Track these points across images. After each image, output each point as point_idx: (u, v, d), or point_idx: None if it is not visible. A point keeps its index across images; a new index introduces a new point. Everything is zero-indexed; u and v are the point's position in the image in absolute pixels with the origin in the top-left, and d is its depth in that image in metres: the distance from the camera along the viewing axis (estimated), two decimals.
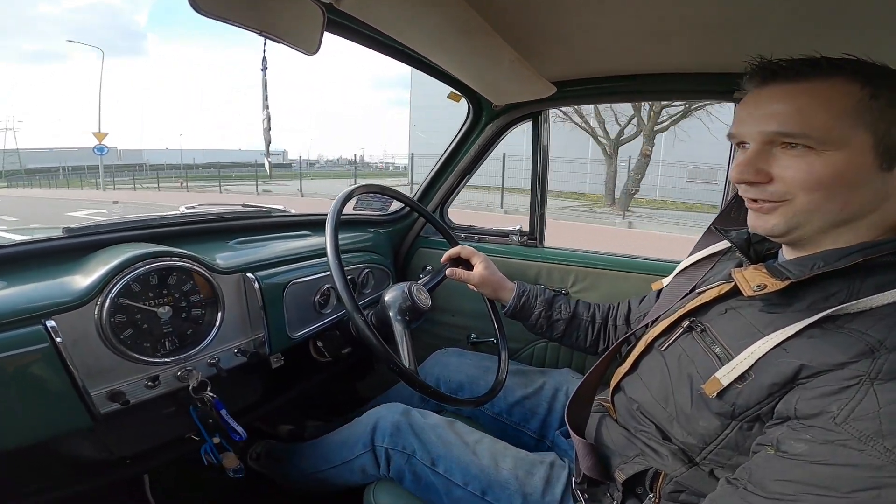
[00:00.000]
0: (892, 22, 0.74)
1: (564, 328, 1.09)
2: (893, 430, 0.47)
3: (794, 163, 0.58)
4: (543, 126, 1.45)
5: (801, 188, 0.58)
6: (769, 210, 0.62)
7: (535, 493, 0.84)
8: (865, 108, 0.55)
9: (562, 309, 1.10)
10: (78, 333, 0.76)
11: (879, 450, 0.47)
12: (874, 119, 0.54)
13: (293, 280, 1.11)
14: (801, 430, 0.53)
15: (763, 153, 0.60)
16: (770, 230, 0.63)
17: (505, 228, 1.60)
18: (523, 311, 1.11)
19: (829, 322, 0.56)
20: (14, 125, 65.20)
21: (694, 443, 0.67)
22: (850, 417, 0.50)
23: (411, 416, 0.99)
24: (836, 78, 0.56)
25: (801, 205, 0.59)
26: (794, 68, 0.58)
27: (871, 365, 0.51)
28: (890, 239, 0.58)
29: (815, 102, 0.56)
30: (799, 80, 0.58)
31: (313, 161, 54.65)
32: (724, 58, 1.02)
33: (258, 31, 0.68)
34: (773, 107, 0.59)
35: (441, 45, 0.94)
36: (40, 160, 45.97)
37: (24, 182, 33.07)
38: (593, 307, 1.12)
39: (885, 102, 0.55)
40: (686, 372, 0.70)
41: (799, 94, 0.57)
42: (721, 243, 0.86)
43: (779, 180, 0.59)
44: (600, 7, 0.81)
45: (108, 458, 0.94)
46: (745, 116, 0.63)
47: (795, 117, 0.57)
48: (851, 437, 0.49)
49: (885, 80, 0.55)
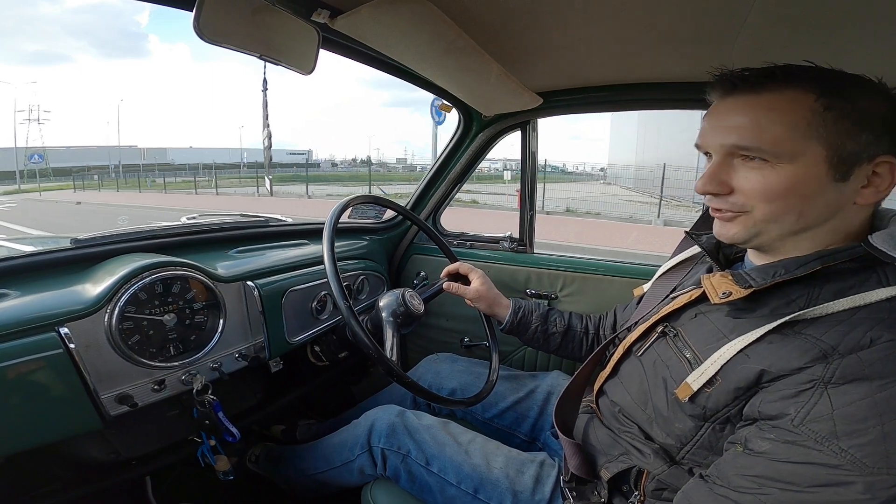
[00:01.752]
0: (865, 26, 0.76)
1: (560, 341, 1.12)
2: (847, 431, 0.50)
3: (751, 175, 0.60)
4: (532, 135, 1.49)
5: (759, 199, 0.60)
6: (731, 219, 0.64)
7: (525, 491, 0.87)
8: (818, 121, 0.55)
9: (556, 322, 1.13)
10: (89, 340, 0.79)
11: (835, 450, 0.50)
12: (827, 131, 0.55)
13: (291, 287, 1.14)
14: (767, 430, 0.56)
15: (724, 164, 0.62)
16: (732, 238, 0.65)
17: (496, 235, 1.64)
18: (520, 328, 1.13)
19: (787, 327, 0.58)
20: (40, 115, 53.08)
21: (672, 443, 0.69)
22: (806, 419, 0.52)
23: (406, 417, 1.01)
24: (791, 89, 0.57)
25: (759, 215, 0.60)
26: (751, 80, 0.60)
27: (824, 369, 0.53)
28: (846, 247, 0.60)
29: (771, 115, 0.57)
30: (757, 92, 0.59)
31: (336, 162, 53.98)
32: (702, 68, 1.05)
33: (258, 54, 0.72)
34: (733, 119, 0.61)
35: (430, 60, 0.98)
36: (64, 159, 43.84)
37: (52, 182, 31.94)
38: (586, 318, 1.15)
39: (838, 114, 0.55)
40: (661, 376, 0.72)
41: (755, 107, 0.59)
42: (695, 248, 0.88)
43: (738, 192, 0.61)
44: (582, 22, 0.84)
45: (115, 460, 0.97)
46: (709, 128, 0.64)
47: (752, 131, 0.58)
48: (809, 438, 0.52)
49: (839, 90, 0.56)
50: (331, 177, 28.44)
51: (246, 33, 0.70)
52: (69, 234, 0.95)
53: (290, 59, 0.78)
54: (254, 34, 0.71)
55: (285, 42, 0.77)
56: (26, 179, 38.83)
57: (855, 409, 0.50)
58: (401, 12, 0.75)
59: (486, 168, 29.69)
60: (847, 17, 0.74)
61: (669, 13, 0.79)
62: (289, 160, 48.91)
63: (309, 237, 1.41)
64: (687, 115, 1.66)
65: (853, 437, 0.49)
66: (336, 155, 57.59)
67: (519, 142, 1.52)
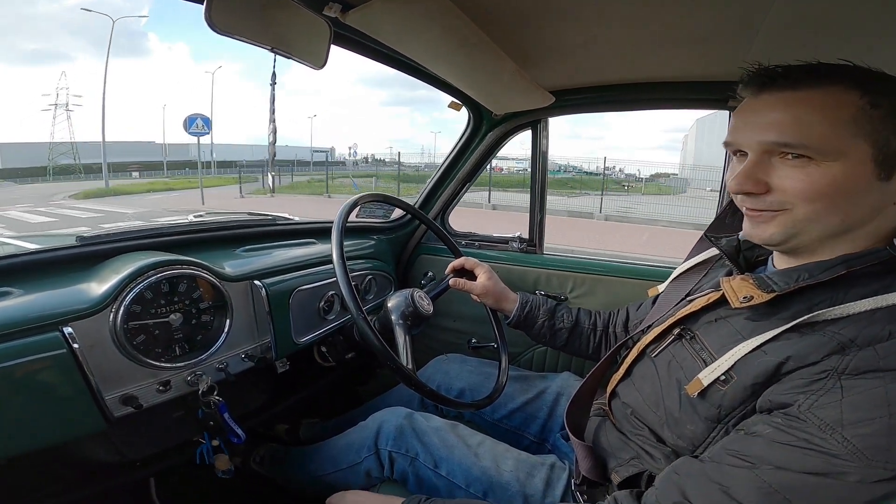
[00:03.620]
0: (887, 26, 0.75)
1: (567, 336, 1.11)
2: (853, 420, 0.49)
3: (792, 173, 0.57)
4: (542, 134, 1.48)
5: (801, 198, 0.57)
6: (768, 219, 0.61)
7: (536, 495, 0.85)
8: (865, 118, 0.54)
9: (564, 318, 1.12)
10: (93, 339, 0.78)
11: (838, 438, 0.49)
12: (873, 129, 0.54)
13: (299, 287, 1.13)
14: (769, 417, 0.56)
15: (761, 163, 0.59)
16: (767, 239, 0.62)
17: (505, 235, 1.63)
18: (527, 322, 1.13)
19: (806, 327, 0.57)
20: (68, 100, 45.37)
21: (684, 445, 0.68)
22: (813, 406, 0.52)
23: (414, 419, 1.00)
24: (834, 86, 0.55)
25: (800, 215, 0.58)
26: (791, 76, 0.57)
27: (839, 360, 0.52)
28: (871, 251, 0.58)
29: (814, 112, 0.55)
30: (797, 89, 0.57)
31: (357, 160, 53.45)
32: (719, 66, 1.05)
33: (269, 47, 0.71)
34: (771, 115, 0.58)
35: (442, 57, 0.97)
36: (95, 154, 41.44)
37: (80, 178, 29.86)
38: (594, 315, 1.14)
39: (885, 112, 0.54)
40: (675, 377, 0.71)
41: (797, 103, 0.56)
42: (711, 250, 0.87)
43: (777, 190, 0.59)
44: (597, 19, 0.84)
45: (120, 461, 0.96)
46: (742, 125, 0.62)
47: (794, 127, 0.56)
48: (813, 424, 0.51)
49: (884, 88, 0.54)
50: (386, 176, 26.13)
51: (257, 26, 0.70)
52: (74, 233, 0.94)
53: (301, 54, 0.77)
54: (265, 27, 0.70)
55: (296, 36, 0.76)
56: (52, 177, 36.56)
57: (864, 399, 0.50)
58: (413, 7, 0.74)
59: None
60: (866, 20, 0.73)
61: (686, 12, 0.79)
62: (313, 157, 48.09)
63: (316, 236, 1.40)
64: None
65: (858, 426, 0.49)
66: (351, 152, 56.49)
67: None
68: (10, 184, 33.21)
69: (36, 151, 41.80)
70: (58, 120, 44.65)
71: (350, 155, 48.14)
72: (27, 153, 42.49)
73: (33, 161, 40.20)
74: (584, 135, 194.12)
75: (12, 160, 42.64)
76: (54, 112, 44.67)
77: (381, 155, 49.71)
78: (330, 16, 0.76)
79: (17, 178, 35.75)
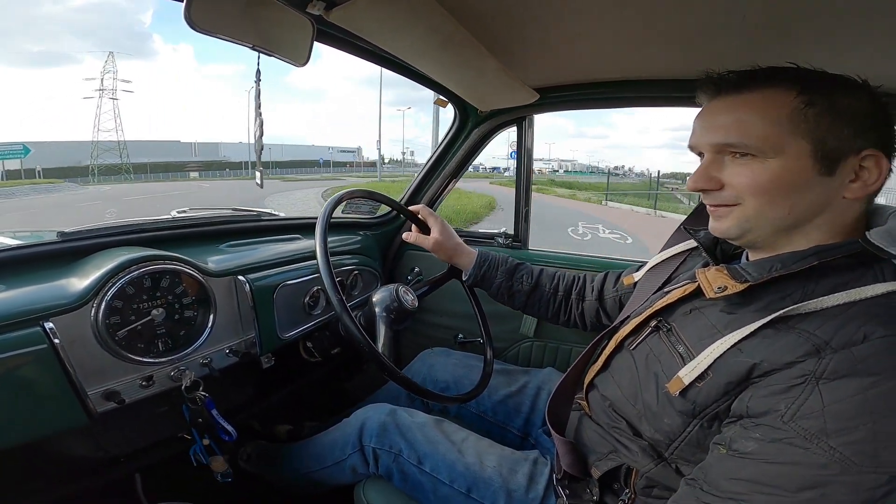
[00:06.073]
0: (857, 24, 0.76)
1: (525, 300, 1.14)
2: (837, 429, 0.49)
3: (740, 170, 0.62)
4: (528, 131, 1.49)
5: (748, 193, 0.62)
6: (725, 214, 0.66)
7: (518, 490, 0.86)
8: (800, 116, 0.58)
9: (523, 280, 1.14)
10: (75, 335, 0.77)
11: (824, 448, 0.49)
12: (810, 126, 0.58)
13: (283, 282, 1.13)
14: (752, 429, 0.56)
15: (715, 162, 0.65)
16: (725, 232, 0.67)
17: (490, 231, 1.64)
18: (484, 281, 1.14)
19: (781, 322, 0.58)
20: (115, 85, 39.76)
21: (661, 439, 0.69)
22: (796, 416, 0.52)
23: (397, 415, 1.00)
24: (773, 88, 0.60)
25: (750, 209, 0.63)
26: (735, 81, 0.63)
27: (816, 364, 0.53)
28: (843, 242, 0.60)
29: (754, 112, 0.60)
30: (741, 92, 0.62)
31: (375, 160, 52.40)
32: (699, 65, 1.06)
33: (251, 45, 0.71)
34: (720, 119, 0.64)
35: (426, 54, 0.97)
36: (142, 153, 37.56)
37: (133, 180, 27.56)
38: (557, 277, 1.15)
39: (821, 109, 0.58)
40: (652, 371, 0.72)
41: (740, 106, 0.62)
42: (690, 241, 0.89)
43: (729, 186, 0.64)
44: (580, 17, 0.84)
45: (103, 457, 0.95)
46: (699, 129, 0.67)
47: (736, 128, 0.61)
48: (797, 435, 0.51)
49: (821, 88, 0.59)
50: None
51: (239, 24, 0.69)
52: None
53: (283, 51, 0.77)
54: (247, 25, 0.70)
55: (279, 33, 0.76)
56: (98, 177, 33.20)
57: (846, 407, 0.50)
58: (397, 4, 0.75)
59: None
60: (842, 19, 0.74)
61: (668, 10, 0.79)
62: (340, 158, 46.74)
63: (302, 232, 1.39)
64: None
65: (842, 434, 0.49)
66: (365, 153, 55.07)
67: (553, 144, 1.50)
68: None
69: (74, 149, 37.98)
70: (103, 109, 40.26)
71: (378, 153, 46.51)
72: (64, 151, 38.88)
73: (68, 160, 36.56)
74: (588, 133, 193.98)
75: (47, 160, 39.29)
76: (99, 101, 40.00)
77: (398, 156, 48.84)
78: (313, 13, 0.76)
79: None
